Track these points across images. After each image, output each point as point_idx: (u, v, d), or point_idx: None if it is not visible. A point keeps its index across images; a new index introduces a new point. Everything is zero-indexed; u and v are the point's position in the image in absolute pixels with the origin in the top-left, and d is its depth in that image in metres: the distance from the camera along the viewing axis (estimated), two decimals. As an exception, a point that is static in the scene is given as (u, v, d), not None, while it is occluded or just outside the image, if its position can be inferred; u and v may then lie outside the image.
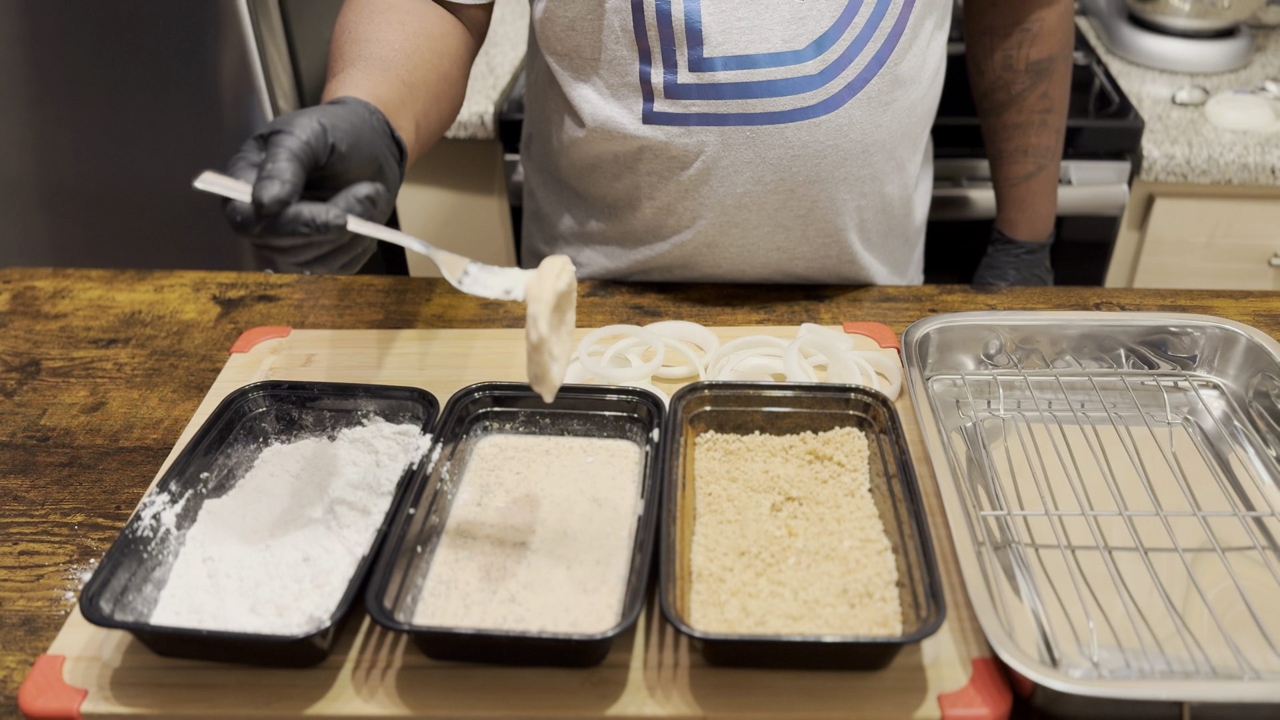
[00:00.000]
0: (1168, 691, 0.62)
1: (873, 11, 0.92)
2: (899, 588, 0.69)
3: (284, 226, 0.62)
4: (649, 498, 0.72)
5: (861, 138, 0.98)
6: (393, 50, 0.86)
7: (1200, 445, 0.86)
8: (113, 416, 0.94)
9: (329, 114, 0.66)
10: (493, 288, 0.67)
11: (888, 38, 0.94)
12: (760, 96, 0.94)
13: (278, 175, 0.61)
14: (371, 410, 0.84)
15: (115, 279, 1.14)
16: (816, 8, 0.91)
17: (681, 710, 0.65)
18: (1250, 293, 1.06)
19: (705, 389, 0.82)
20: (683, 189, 1.01)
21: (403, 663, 0.68)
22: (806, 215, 1.02)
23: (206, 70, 1.51)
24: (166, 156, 1.60)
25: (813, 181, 0.99)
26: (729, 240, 1.04)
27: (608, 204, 1.07)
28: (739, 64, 0.92)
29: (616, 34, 0.94)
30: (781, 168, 0.97)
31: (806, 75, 0.93)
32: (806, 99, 0.94)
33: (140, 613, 0.68)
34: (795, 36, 0.91)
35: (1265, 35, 1.97)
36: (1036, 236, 1.20)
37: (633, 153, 1.00)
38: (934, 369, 0.93)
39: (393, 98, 0.80)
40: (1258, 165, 1.56)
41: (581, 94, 1.00)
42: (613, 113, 0.99)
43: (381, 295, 1.10)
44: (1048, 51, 1.11)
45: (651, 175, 1.01)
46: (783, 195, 1.00)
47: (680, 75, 0.94)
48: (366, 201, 0.65)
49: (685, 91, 0.95)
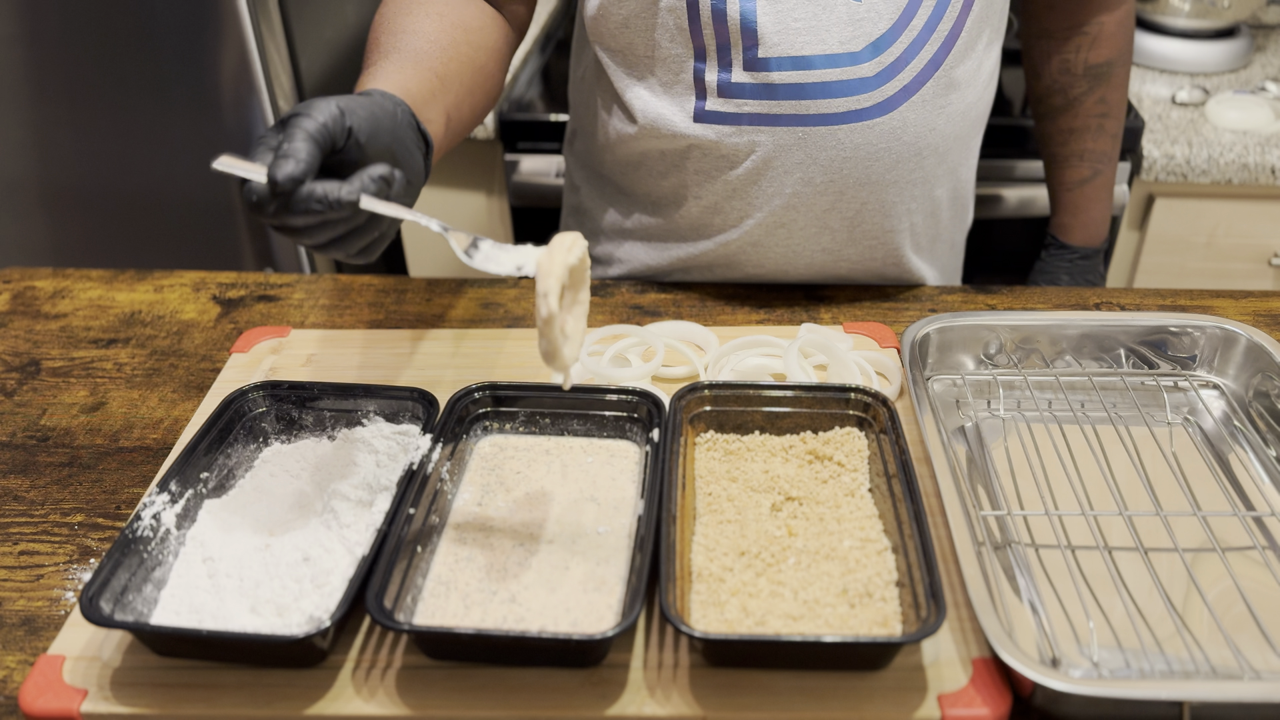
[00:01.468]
0: (1168, 691, 0.62)
1: (930, 14, 0.92)
2: (899, 588, 0.69)
3: (298, 204, 0.62)
4: (649, 498, 0.72)
5: (915, 141, 0.97)
6: (427, 42, 0.86)
7: (1200, 445, 0.86)
8: (113, 416, 0.94)
9: (349, 100, 0.67)
10: (504, 264, 0.66)
11: (944, 41, 0.93)
12: (814, 98, 0.93)
13: (292, 154, 0.62)
14: (371, 410, 0.84)
15: (115, 279, 1.14)
16: (874, 10, 0.91)
17: (681, 710, 0.65)
18: (1250, 293, 1.06)
19: (705, 389, 0.82)
20: (731, 188, 1.00)
21: (403, 663, 0.68)
22: (855, 217, 1.01)
23: (206, 70, 1.51)
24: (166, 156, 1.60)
25: (863, 184, 0.98)
26: (775, 240, 1.03)
27: (653, 200, 1.07)
28: (794, 64, 0.92)
29: (671, 31, 0.94)
30: (832, 169, 0.97)
31: (862, 77, 0.93)
32: (861, 101, 0.94)
33: (140, 613, 0.68)
34: (852, 38, 0.91)
35: (1265, 35, 1.97)
36: (1090, 241, 1.20)
37: (681, 150, 1.00)
38: (934, 369, 0.93)
39: (423, 90, 0.80)
40: (1258, 165, 1.56)
41: (633, 90, 1.00)
42: (664, 110, 0.98)
43: (381, 295, 1.10)
44: (1106, 56, 1.11)
45: (699, 174, 1.01)
46: (832, 197, 0.99)
47: (734, 74, 0.94)
48: (381, 181, 0.66)
49: (739, 91, 0.94)
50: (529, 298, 1.08)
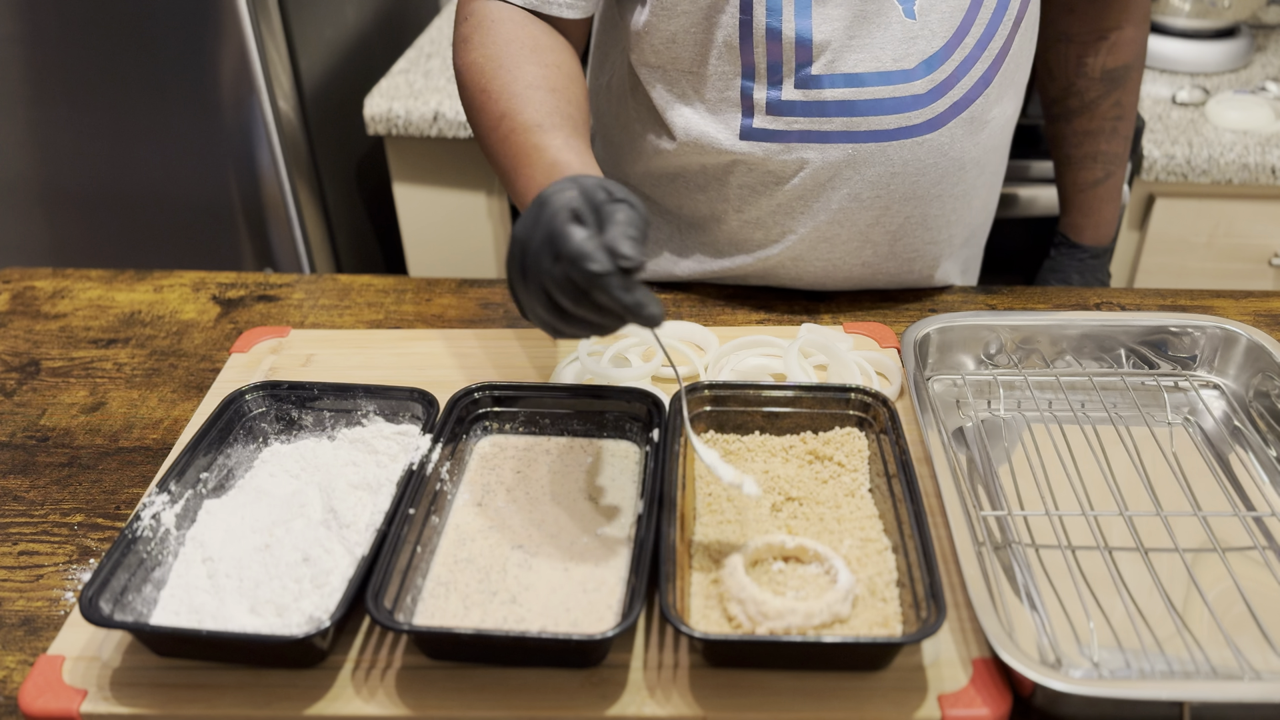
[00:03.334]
0: (1168, 692, 0.62)
1: (983, 32, 0.92)
2: (899, 588, 0.69)
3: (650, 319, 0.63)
4: (649, 498, 0.72)
5: (960, 155, 0.97)
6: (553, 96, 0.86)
7: (1200, 445, 0.86)
8: (112, 416, 0.94)
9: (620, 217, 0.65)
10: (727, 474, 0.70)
11: (995, 58, 0.94)
12: (865, 115, 0.93)
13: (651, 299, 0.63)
14: (371, 410, 0.84)
15: (115, 279, 1.14)
16: (929, 27, 0.91)
17: (681, 710, 0.65)
18: (1250, 293, 1.06)
19: (705, 389, 0.82)
20: (775, 204, 1.00)
21: (403, 663, 0.68)
22: (897, 231, 1.01)
23: (206, 70, 1.51)
24: (166, 156, 1.60)
25: (908, 199, 0.98)
26: (816, 255, 1.03)
27: (686, 215, 1.06)
28: (847, 82, 0.92)
29: (720, 49, 0.93)
30: (879, 185, 0.97)
31: (914, 95, 0.93)
32: (912, 118, 0.93)
33: (140, 613, 0.68)
34: (905, 56, 0.91)
35: (1265, 35, 1.97)
36: (1100, 241, 1.20)
37: (724, 166, 0.99)
38: (934, 369, 0.93)
39: (585, 149, 0.82)
40: (1258, 165, 1.56)
41: (674, 108, 0.98)
42: (708, 128, 0.97)
43: (381, 295, 1.10)
44: (1123, 60, 1.10)
45: (743, 189, 1.00)
46: (876, 212, 0.99)
47: (785, 92, 0.93)
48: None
49: (789, 109, 0.94)
50: (529, 298, 1.08)
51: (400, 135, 1.69)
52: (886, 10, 0.90)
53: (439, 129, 1.67)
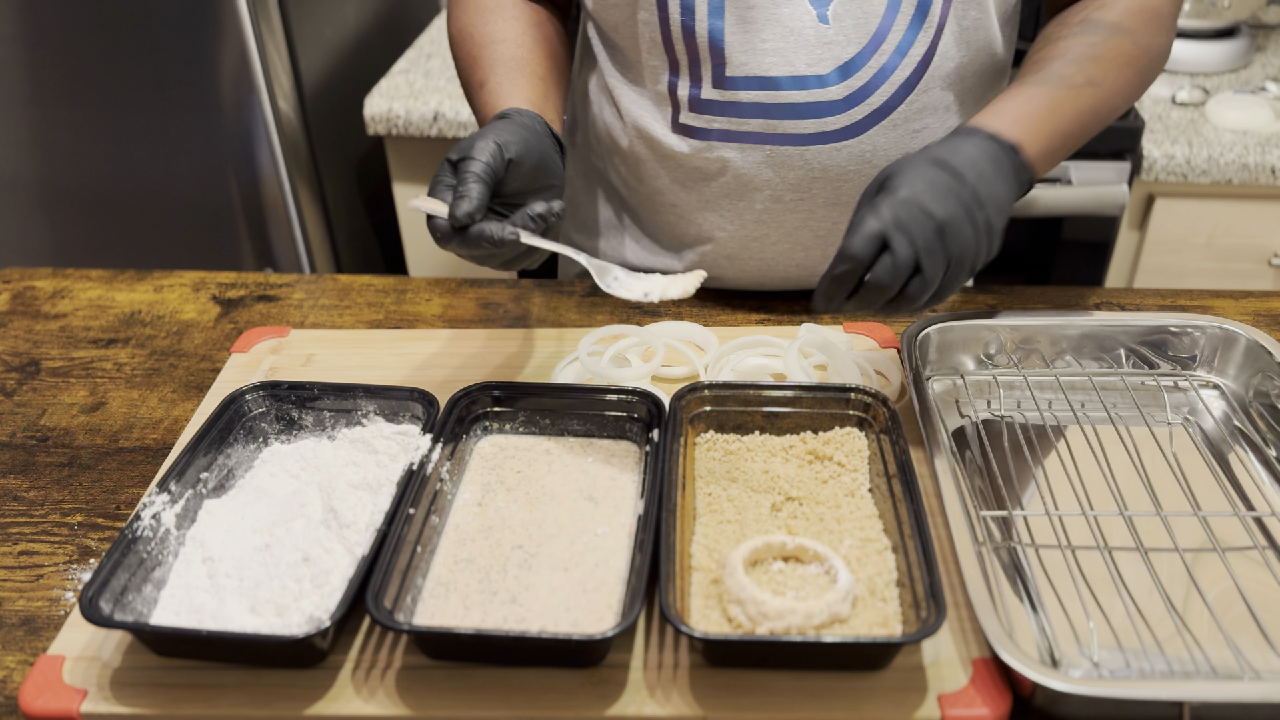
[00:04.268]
0: (1168, 692, 0.62)
1: (901, 39, 0.91)
2: (899, 588, 0.69)
3: (471, 241, 0.75)
4: (649, 498, 0.72)
5: (885, 164, 0.95)
6: (518, 48, 0.94)
7: (1200, 445, 0.86)
8: (112, 416, 0.94)
9: (501, 133, 0.79)
10: (634, 289, 0.78)
11: (918, 65, 0.92)
12: (781, 118, 0.93)
13: (466, 195, 0.74)
14: (371, 410, 0.84)
15: (115, 279, 1.14)
16: (843, 33, 0.90)
17: (681, 710, 0.65)
18: (1250, 293, 1.06)
19: (705, 389, 0.82)
20: (704, 200, 1.01)
21: (403, 663, 0.68)
22: (827, 236, 1.01)
23: (206, 70, 1.51)
24: (166, 156, 1.60)
25: (833, 204, 0.98)
26: (748, 254, 1.03)
27: (638, 202, 1.07)
28: (760, 85, 0.92)
29: (648, 44, 0.94)
30: (801, 189, 0.97)
31: (830, 100, 0.92)
32: (829, 124, 0.93)
33: (140, 613, 0.68)
34: (820, 61, 0.90)
35: (1265, 35, 1.97)
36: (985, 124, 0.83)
37: (661, 158, 1.00)
38: (934, 369, 0.93)
39: (537, 96, 0.90)
40: (1258, 165, 1.56)
41: (621, 90, 1.01)
42: (647, 116, 0.99)
43: (381, 295, 1.10)
44: (1114, 18, 0.90)
45: (676, 183, 1.01)
46: (802, 215, 0.99)
47: (704, 91, 0.94)
48: (539, 219, 0.78)
49: (708, 107, 0.94)
50: (528, 298, 1.09)
51: (400, 135, 1.70)
52: (799, 15, 0.89)
53: (439, 129, 1.67)
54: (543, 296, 1.09)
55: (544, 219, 0.78)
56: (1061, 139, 0.85)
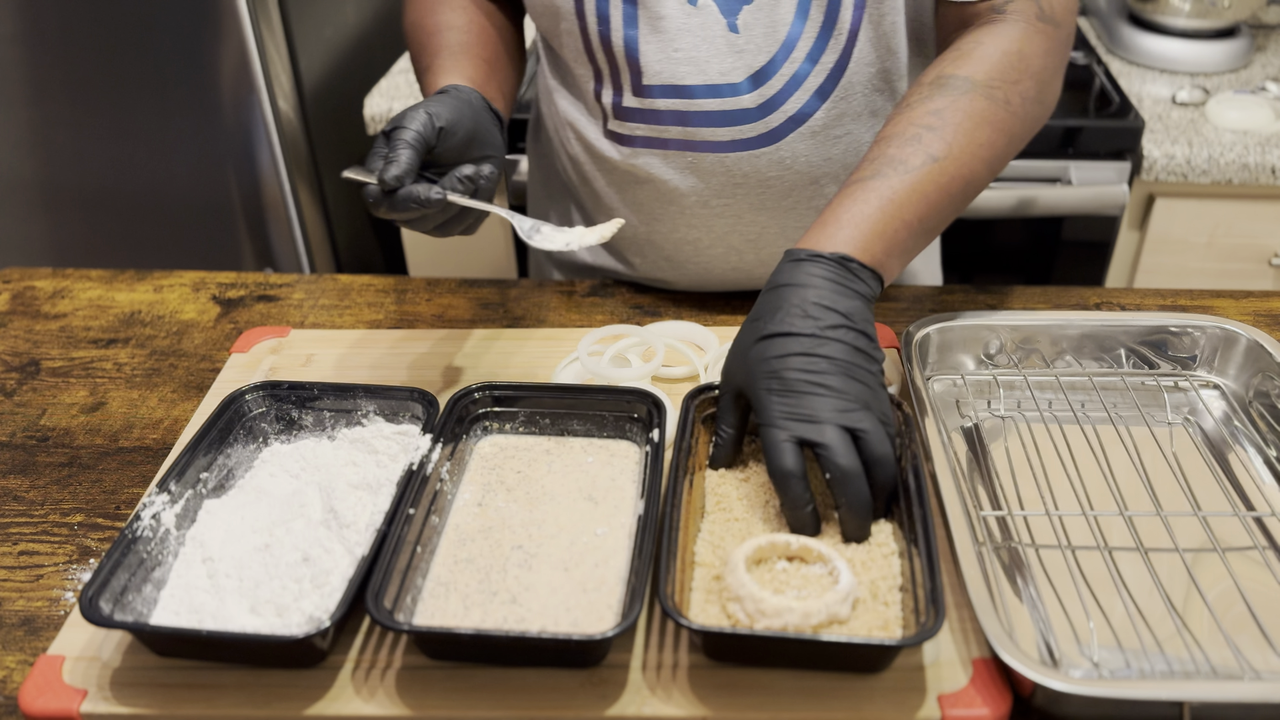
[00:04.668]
0: (1168, 692, 0.62)
1: (812, 46, 0.90)
2: (902, 592, 0.69)
3: (399, 204, 0.77)
4: (649, 497, 0.72)
5: (808, 170, 0.96)
6: (464, 34, 0.97)
7: (1200, 445, 0.86)
8: (112, 416, 0.94)
9: (435, 104, 0.81)
10: (557, 241, 0.81)
11: (831, 72, 0.91)
12: (699, 125, 0.93)
13: (395, 160, 0.76)
14: (371, 410, 0.84)
15: (115, 279, 1.14)
16: (753, 42, 0.90)
17: (682, 710, 0.65)
18: (1250, 293, 1.06)
19: (709, 389, 0.82)
20: (638, 205, 1.02)
21: (402, 663, 0.68)
22: (757, 240, 1.01)
23: (206, 70, 1.51)
24: (166, 156, 1.60)
25: (759, 209, 0.98)
26: (684, 258, 1.04)
27: (586, 202, 1.08)
28: (676, 93, 0.92)
29: (574, 52, 0.96)
30: (725, 194, 0.97)
31: (744, 108, 0.92)
32: (745, 131, 0.93)
33: (140, 613, 0.68)
34: (732, 69, 0.91)
35: (1265, 35, 1.97)
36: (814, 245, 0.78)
37: (597, 162, 1.02)
38: (934, 369, 0.93)
39: (480, 76, 0.92)
40: (1258, 165, 1.56)
41: (562, 96, 1.02)
42: (583, 121, 1.01)
43: (381, 295, 1.10)
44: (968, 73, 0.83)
45: (611, 187, 1.02)
46: (730, 220, 0.99)
47: (625, 99, 0.95)
48: (466, 180, 0.80)
49: (631, 115, 0.95)
50: (529, 298, 1.09)
51: (400, 135, 1.69)
52: (710, 24, 0.90)
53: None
54: (542, 296, 1.09)
55: (472, 181, 0.80)
56: (908, 231, 0.79)
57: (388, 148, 0.78)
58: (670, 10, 0.89)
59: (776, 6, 0.89)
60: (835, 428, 0.70)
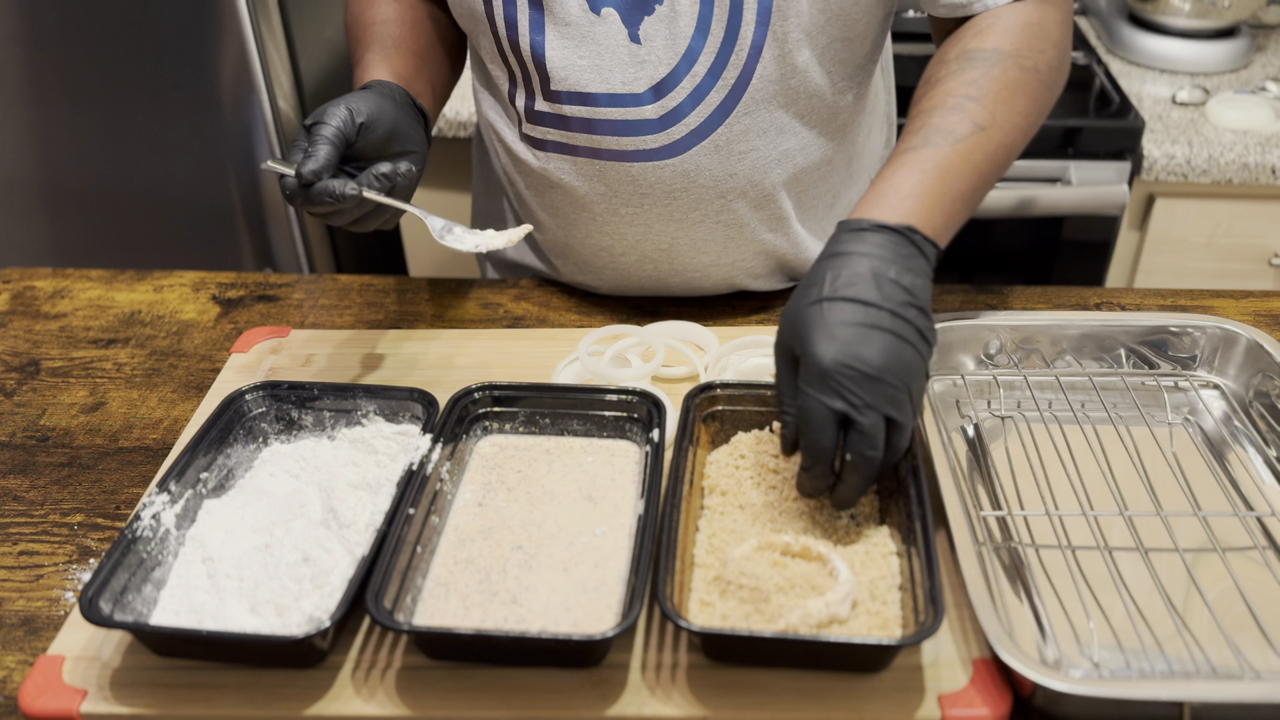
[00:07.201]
0: (1168, 692, 0.62)
1: (714, 61, 0.89)
2: (901, 592, 0.69)
3: (315, 198, 0.78)
4: (649, 497, 0.72)
5: (714, 184, 0.95)
6: (398, 27, 0.98)
7: (1200, 445, 0.86)
8: (112, 416, 0.94)
9: (355, 100, 0.82)
10: (468, 242, 0.83)
11: (733, 87, 0.90)
12: (603, 134, 0.93)
13: (313, 155, 0.78)
14: (371, 410, 0.84)
15: (115, 279, 1.14)
16: (654, 54, 0.89)
17: (682, 710, 0.65)
18: (1250, 293, 1.06)
19: (718, 388, 0.82)
20: (553, 209, 1.02)
21: (402, 663, 0.68)
22: (669, 250, 1.00)
23: (206, 70, 1.51)
24: (166, 156, 1.60)
25: (667, 220, 0.97)
26: (600, 264, 1.03)
27: (515, 203, 1.08)
28: (581, 100, 0.92)
29: (490, 54, 0.96)
30: (633, 203, 0.97)
31: (646, 119, 0.92)
32: (648, 141, 0.93)
33: (140, 613, 0.68)
34: (634, 80, 0.90)
35: (1265, 35, 1.97)
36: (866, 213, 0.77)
37: (516, 163, 1.02)
38: (934, 369, 0.93)
39: (408, 70, 0.94)
40: (1258, 165, 1.56)
41: (485, 97, 1.04)
42: (502, 123, 1.01)
43: (381, 295, 1.10)
44: (994, 45, 0.85)
45: (530, 190, 1.02)
46: (640, 229, 0.99)
47: (537, 103, 0.95)
48: (383, 178, 0.81)
49: (542, 119, 0.95)
50: (529, 298, 1.09)
51: (400, 135, 1.69)
52: (613, 33, 0.89)
53: (438, 129, 1.67)
54: (542, 296, 1.09)
55: (389, 178, 0.81)
56: (961, 202, 0.79)
57: (308, 141, 0.79)
58: (575, 17, 0.89)
59: (676, 19, 0.88)
60: (878, 414, 0.69)
